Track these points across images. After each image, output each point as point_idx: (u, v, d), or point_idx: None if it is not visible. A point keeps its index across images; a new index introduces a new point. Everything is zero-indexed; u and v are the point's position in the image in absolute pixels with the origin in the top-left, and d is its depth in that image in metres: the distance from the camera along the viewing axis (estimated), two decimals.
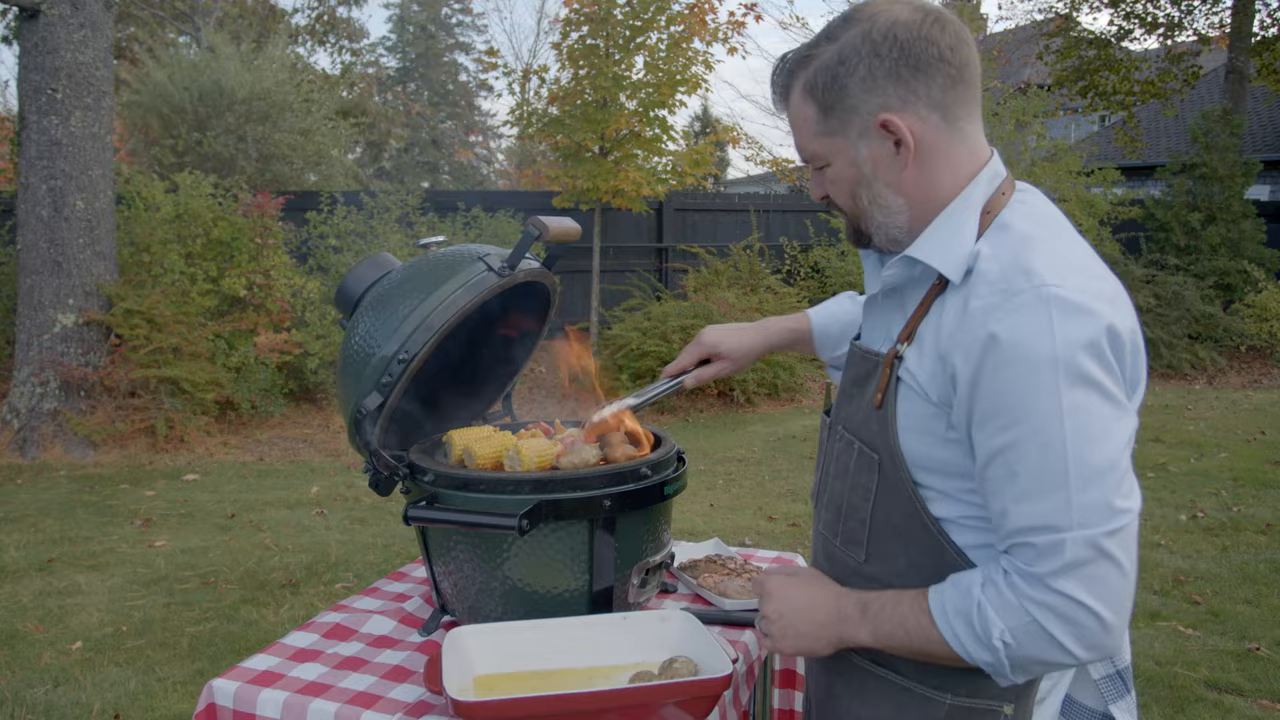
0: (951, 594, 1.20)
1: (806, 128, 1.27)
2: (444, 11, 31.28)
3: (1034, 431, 1.10)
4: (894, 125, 1.21)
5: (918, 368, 1.23)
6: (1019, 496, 1.12)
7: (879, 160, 1.24)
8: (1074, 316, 1.10)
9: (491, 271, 1.69)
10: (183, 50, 14.60)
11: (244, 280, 8.53)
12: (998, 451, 1.14)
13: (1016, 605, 1.13)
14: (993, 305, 1.14)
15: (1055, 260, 1.15)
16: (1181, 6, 16.91)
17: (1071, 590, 1.10)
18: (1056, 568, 1.10)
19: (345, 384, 1.70)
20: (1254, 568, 4.84)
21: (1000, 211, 1.24)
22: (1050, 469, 1.10)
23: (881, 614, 1.25)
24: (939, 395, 1.20)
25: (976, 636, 1.16)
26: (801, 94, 1.26)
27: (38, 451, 7.44)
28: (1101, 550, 1.09)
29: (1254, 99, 18.84)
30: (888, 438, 1.26)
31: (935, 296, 1.24)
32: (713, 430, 8.71)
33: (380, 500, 6.12)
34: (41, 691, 3.57)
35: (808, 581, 1.36)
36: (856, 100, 1.22)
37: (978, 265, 1.19)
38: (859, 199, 1.28)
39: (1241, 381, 11.20)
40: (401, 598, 1.93)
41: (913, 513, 1.26)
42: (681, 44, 10.12)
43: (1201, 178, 13.15)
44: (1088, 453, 1.09)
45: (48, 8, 7.42)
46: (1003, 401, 1.12)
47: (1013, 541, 1.14)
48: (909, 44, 1.19)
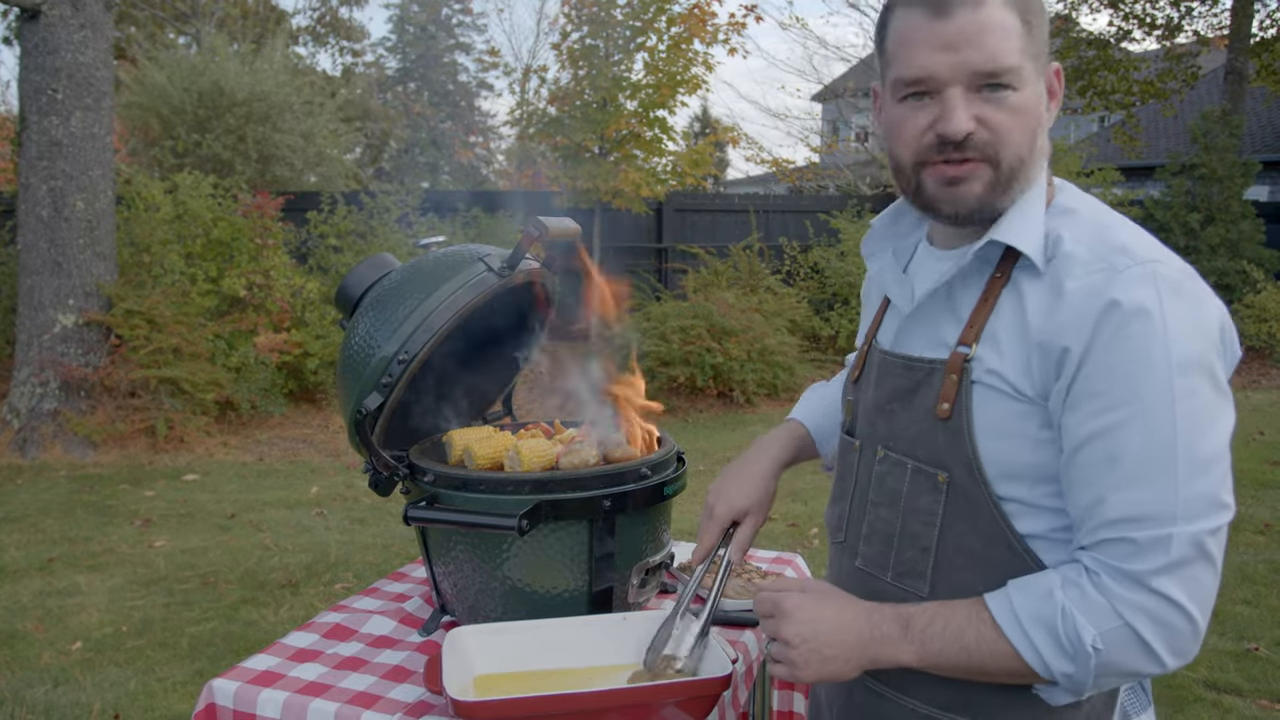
0: (1023, 600, 1.08)
1: (1010, 37, 1.11)
2: (444, 12, 31.29)
3: (1142, 412, 1.02)
4: (1060, 76, 1.17)
5: (1001, 365, 1.12)
6: (1119, 483, 1.03)
7: (1042, 107, 1.15)
8: (1183, 295, 1.04)
9: (491, 272, 1.70)
10: (183, 51, 14.60)
11: (244, 280, 8.54)
12: (1097, 434, 1.04)
13: (1108, 608, 1.02)
14: (1101, 281, 1.05)
15: (1145, 241, 1.10)
16: (1180, 8, 16.92)
17: (1170, 591, 1.01)
18: (1158, 566, 1.01)
19: (345, 384, 1.70)
20: (1253, 568, 4.85)
21: (1054, 198, 1.19)
22: (1158, 454, 1.01)
23: (930, 630, 1.11)
24: (1036, 388, 1.10)
25: (1060, 646, 1.04)
26: (1005, 2, 1.11)
27: (38, 451, 7.45)
28: (1203, 549, 1.01)
29: (1253, 100, 18.84)
30: (962, 450, 1.14)
31: (1001, 289, 1.14)
32: (712, 430, 8.71)
33: (380, 501, 6.12)
34: (41, 691, 3.57)
35: (831, 598, 1.19)
36: (1045, 35, 1.15)
37: (1062, 247, 1.11)
38: (1037, 137, 1.15)
39: (1240, 382, 11.20)
40: (401, 598, 1.93)
41: (994, 533, 1.14)
42: (681, 45, 10.13)
43: (1201, 178, 13.15)
44: (1198, 440, 1.02)
45: (48, 8, 7.43)
46: (1110, 380, 1.03)
47: (1106, 535, 1.04)
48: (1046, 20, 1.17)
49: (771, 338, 9.78)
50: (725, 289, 10.63)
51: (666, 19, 10.04)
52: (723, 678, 1.33)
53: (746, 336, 9.56)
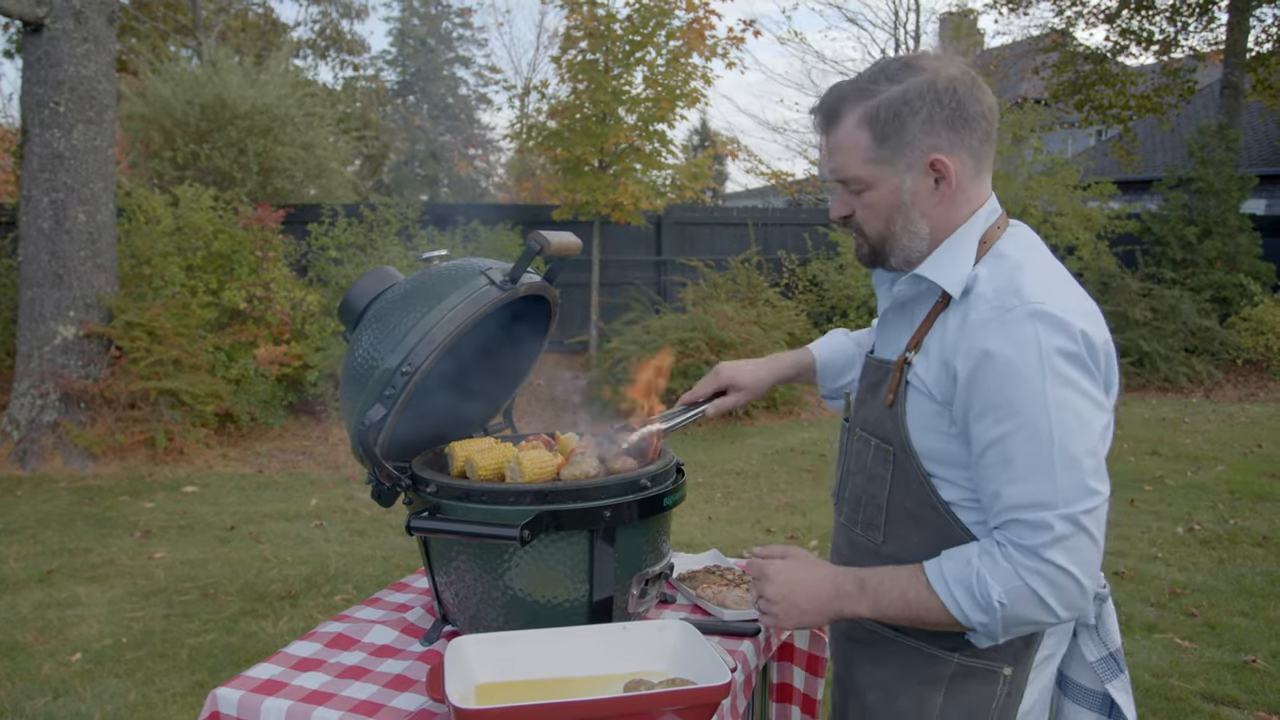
0: (949, 565, 1.37)
1: (856, 153, 1.42)
2: (444, 26, 31.42)
3: (1026, 423, 1.30)
4: (942, 165, 1.40)
5: (925, 373, 1.43)
6: (1012, 479, 1.31)
7: (920, 192, 1.43)
8: (1056, 327, 1.31)
9: (493, 285, 1.72)
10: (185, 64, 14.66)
11: (244, 293, 8.56)
12: (993, 441, 1.33)
13: (1011, 572, 1.30)
14: (988, 319, 1.34)
15: (1040, 282, 1.36)
16: (1177, 23, 17.02)
17: (1058, 559, 1.28)
18: (1046, 540, 1.28)
19: (349, 396, 1.72)
20: (1250, 580, 4.85)
21: (995, 243, 1.45)
22: (1039, 455, 1.29)
23: (881, 588, 1.41)
24: (943, 395, 1.40)
25: (975, 601, 1.33)
26: (858, 122, 1.41)
27: (38, 463, 7.45)
28: (1080, 525, 1.28)
29: (1249, 114, 18.93)
30: (900, 432, 1.45)
31: (939, 312, 1.44)
32: (711, 443, 8.72)
33: (379, 512, 6.13)
34: (41, 703, 3.58)
35: (804, 562, 1.49)
36: (913, 137, 1.39)
37: (976, 286, 1.39)
38: (892, 223, 1.45)
39: (1238, 395, 11.22)
40: (403, 608, 1.95)
41: (924, 497, 1.45)
42: (680, 59, 10.18)
43: (1197, 192, 13.20)
44: (1070, 442, 1.29)
45: (51, 22, 7.48)
46: (998, 399, 1.32)
47: (1006, 518, 1.32)
48: (964, 100, 1.40)
49: (770, 350, 9.80)
50: (724, 302, 10.66)
51: (666, 33, 10.10)
52: (721, 686, 1.34)
53: (745, 349, 9.59)
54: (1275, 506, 6.27)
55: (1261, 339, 11.89)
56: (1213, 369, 11.71)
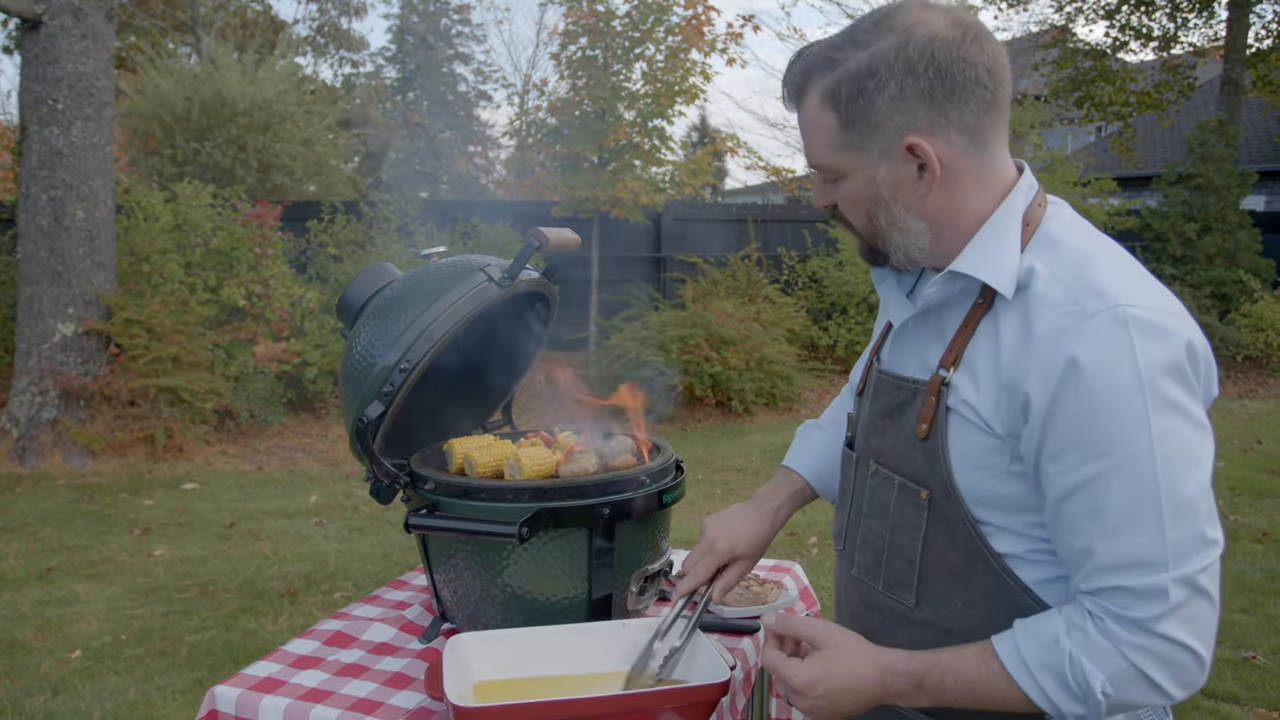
0: (1029, 646, 1.09)
1: (821, 136, 1.18)
2: (443, 23, 31.36)
3: (1123, 463, 1.03)
4: (921, 150, 1.13)
5: (976, 398, 1.14)
6: (1108, 533, 1.05)
7: (900, 182, 1.16)
8: (1153, 336, 1.04)
9: (492, 282, 1.71)
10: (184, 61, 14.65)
11: (243, 290, 8.55)
12: (1080, 485, 1.06)
13: (1114, 652, 1.05)
14: (1066, 328, 1.06)
15: (1119, 277, 1.09)
16: (1177, 19, 17.00)
17: (1174, 633, 1.03)
18: (1159, 612, 1.03)
19: (347, 393, 1.71)
20: (1250, 576, 4.85)
21: (1040, 224, 1.18)
22: (1142, 503, 1.03)
23: (943, 684, 1.13)
24: (1005, 427, 1.12)
25: (1071, 692, 1.07)
26: (820, 100, 1.16)
27: (37, 460, 7.45)
28: (1198, 587, 1.04)
29: (1249, 110, 18.92)
30: (940, 472, 1.17)
31: (982, 315, 1.16)
32: (711, 439, 8.72)
33: (379, 510, 6.13)
34: (40, 700, 3.57)
35: (841, 660, 1.18)
36: (882, 118, 1.13)
37: (1034, 284, 1.11)
38: (876, 219, 1.20)
39: (1238, 391, 11.22)
40: (402, 605, 1.94)
41: (973, 551, 1.17)
42: (679, 55, 10.17)
43: (1197, 188, 13.19)
44: (1180, 484, 1.03)
45: (49, 19, 7.46)
46: (1087, 432, 1.05)
47: (1101, 584, 1.06)
48: (947, 65, 1.10)
49: (770, 347, 9.79)
50: (723, 298, 10.65)
51: (665, 29, 10.08)
52: (720, 684, 1.34)
53: (745, 346, 9.58)
54: (1275, 503, 6.27)
55: (1261, 335, 11.88)
56: None
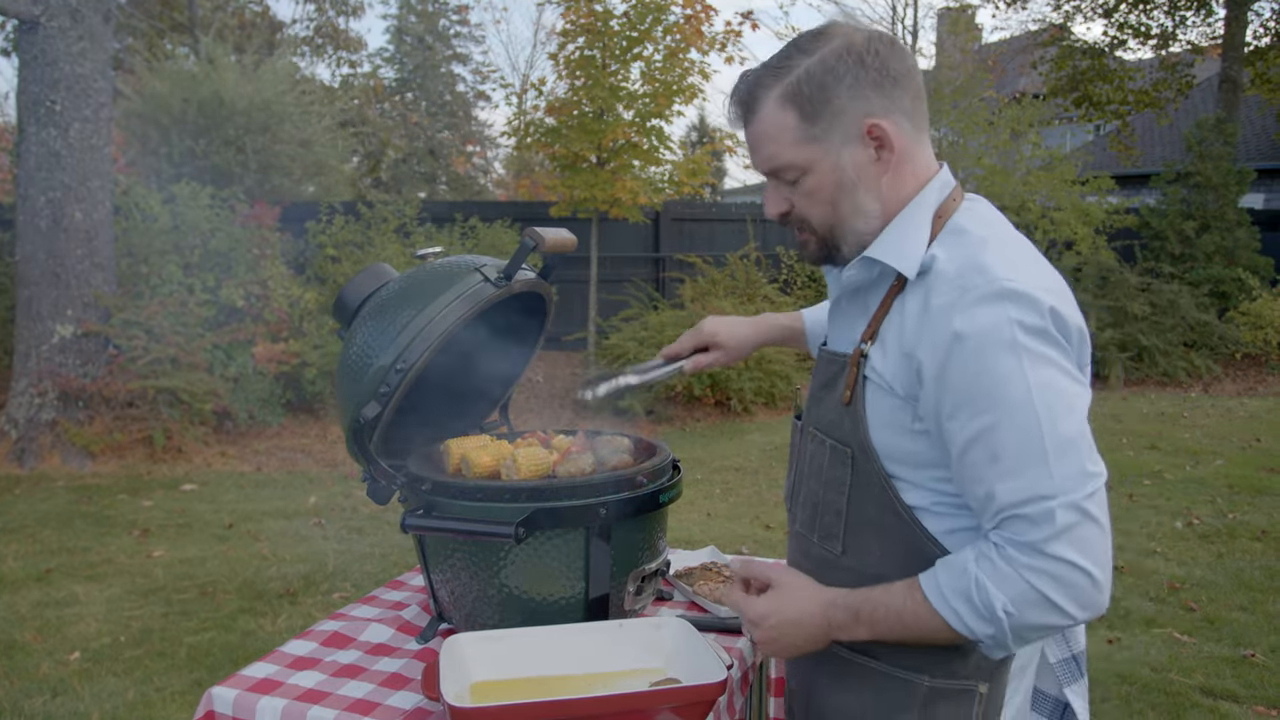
0: (945, 576, 1.24)
1: (784, 136, 1.30)
2: (441, 23, 31.35)
3: (1009, 412, 1.18)
4: (880, 129, 1.27)
5: (883, 365, 1.30)
6: (1003, 475, 1.18)
7: (862, 166, 1.30)
8: (1024, 304, 1.19)
9: (488, 282, 1.71)
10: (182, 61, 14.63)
11: (242, 291, 8.54)
12: (975, 437, 1.20)
13: (1014, 575, 1.17)
14: (952, 302, 1.22)
15: (1005, 258, 1.24)
16: (1175, 17, 17.01)
17: (1065, 554, 1.15)
18: (1049, 534, 1.16)
19: (344, 393, 1.71)
20: (1249, 574, 4.86)
21: (951, 217, 1.32)
22: (1029, 445, 1.17)
23: (875, 614, 1.29)
24: (905, 389, 1.28)
25: (978, 612, 1.20)
26: (779, 103, 1.29)
27: (36, 462, 7.44)
28: (1085, 512, 1.16)
29: (1247, 108, 18.92)
30: (859, 433, 1.33)
31: (895, 296, 1.31)
32: (710, 439, 8.72)
33: (378, 510, 6.13)
34: (39, 702, 3.57)
35: (789, 595, 1.37)
36: (841, 106, 1.27)
37: (935, 265, 1.27)
38: (839, 206, 1.32)
39: (1237, 389, 11.23)
40: (399, 606, 1.94)
41: (886, 503, 1.33)
42: (678, 54, 10.16)
43: (1196, 186, 13.20)
44: (1059, 424, 1.17)
45: (47, 20, 7.45)
46: (973, 390, 1.19)
47: (1003, 516, 1.19)
48: (886, 59, 1.27)
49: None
50: (722, 298, 10.65)
51: (663, 28, 10.07)
52: (717, 683, 1.34)
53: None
54: (1274, 501, 6.28)
55: (1260, 333, 11.89)
56: (1211, 363, 11.71)
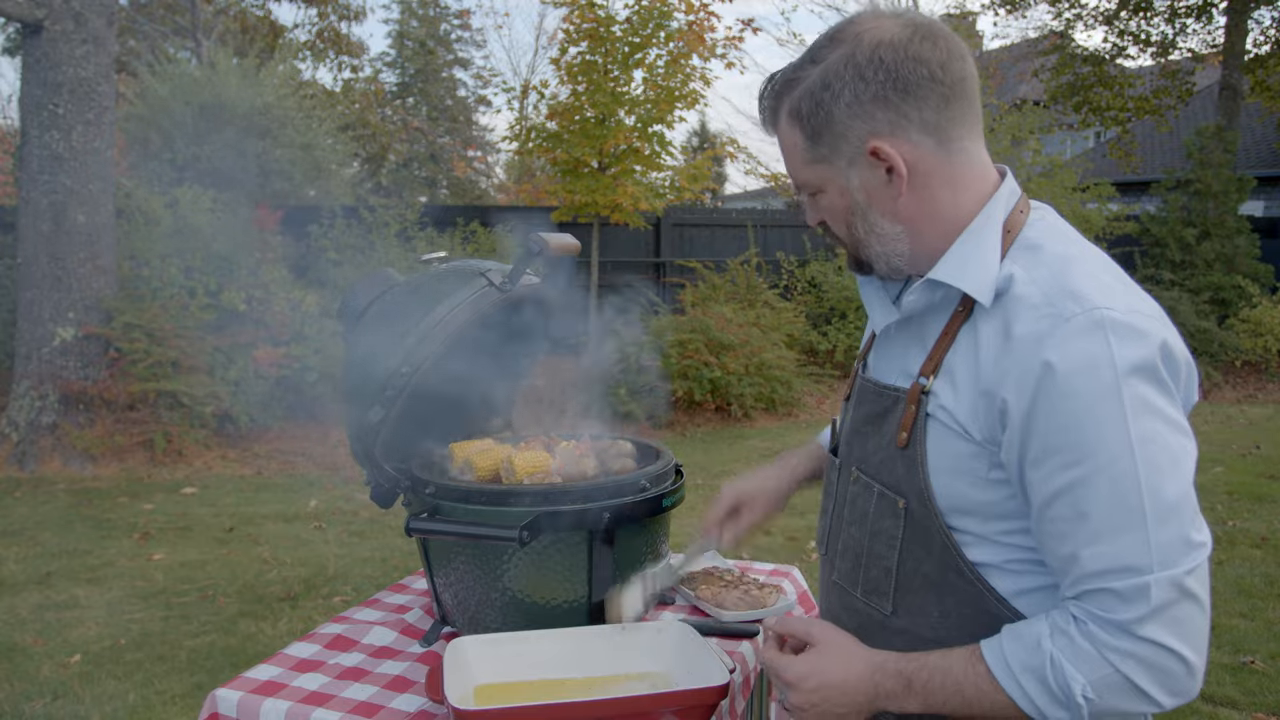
0: (1014, 648, 1.10)
1: (795, 155, 1.22)
2: (443, 28, 31.41)
3: (1104, 466, 1.03)
4: (884, 153, 1.15)
5: (954, 404, 1.15)
6: (1092, 538, 1.05)
7: (872, 188, 1.18)
8: (1130, 339, 1.04)
9: (493, 287, 1.72)
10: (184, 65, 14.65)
11: (243, 294, 8.55)
12: (1062, 490, 1.06)
13: (1096, 657, 1.05)
14: (1043, 332, 1.07)
15: (1098, 281, 1.10)
16: (1175, 24, 17.04)
17: (1159, 636, 1.03)
18: (1141, 614, 1.03)
19: (347, 398, 1.72)
20: (1249, 581, 4.86)
21: (1021, 230, 1.19)
22: (1125, 506, 1.03)
23: (930, 684, 1.14)
24: (984, 434, 1.13)
25: (1052, 695, 1.07)
26: (789, 120, 1.21)
27: (36, 465, 7.44)
28: (1184, 590, 1.03)
29: (1248, 115, 18.93)
30: (916, 480, 1.19)
31: (961, 324, 1.17)
32: (711, 444, 8.72)
33: (378, 514, 6.13)
34: (40, 705, 3.57)
35: (833, 660, 1.21)
36: (843, 127, 1.16)
37: (1013, 289, 1.12)
38: (854, 228, 1.23)
39: (1237, 396, 11.23)
40: (402, 609, 1.95)
41: (947, 560, 1.19)
42: (680, 60, 10.18)
43: (1196, 193, 13.21)
44: (1162, 486, 1.03)
45: (50, 23, 7.47)
46: (1066, 437, 1.05)
47: (1086, 587, 1.06)
48: (896, 65, 1.13)
49: (769, 352, 9.80)
50: (723, 303, 10.65)
51: (665, 34, 10.09)
52: (719, 687, 1.34)
53: (744, 351, 9.59)
54: (1274, 508, 6.28)
55: (1260, 341, 11.90)
56: (1211, 370, 11.72)
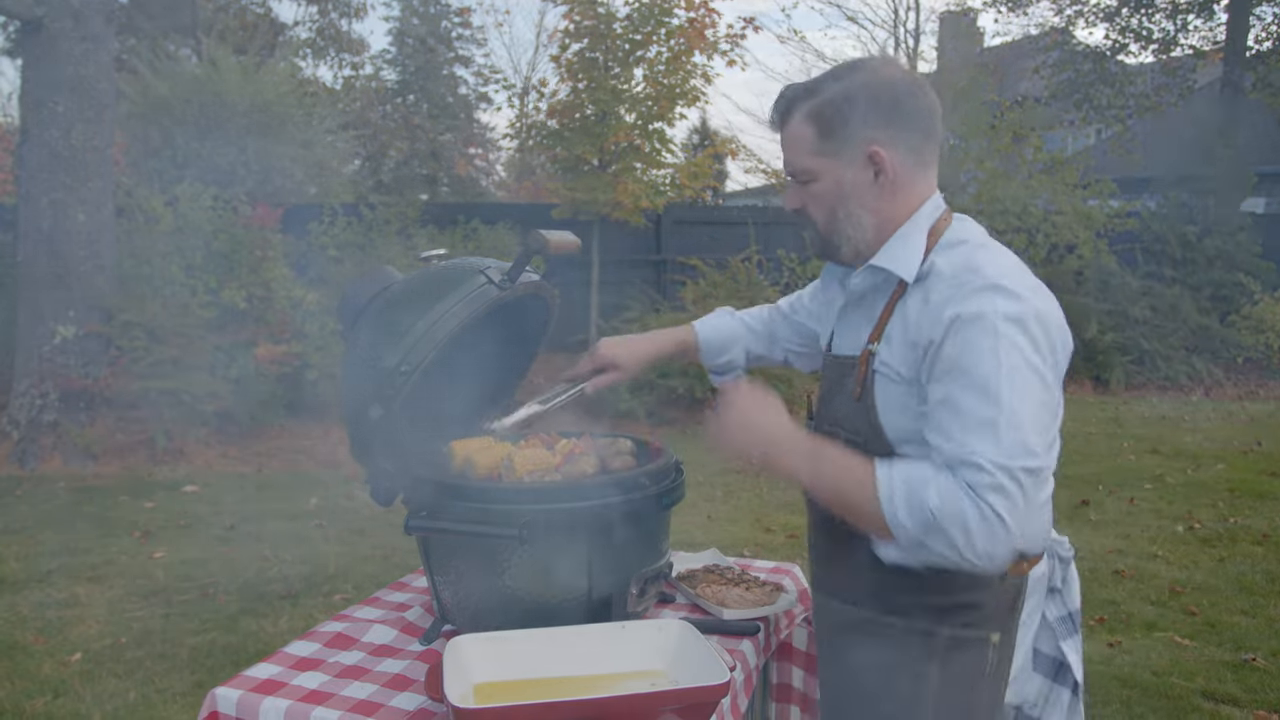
0: (903, 466, 1.42)
1: (802, 145, 1.54)
2: (443, 25, 31.37)
3: (976, 382, 1.37)
4: (880, 156, 1.50)
5: (890, 357, 1.50)
6: (958, 431, 1.37)
7: (860, 184, 1.53)
8: (1010, 299, 1.39)
9: (492, 284, 1.72)
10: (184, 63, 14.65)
11: (243, 292, 8.55)
12: (945, 398, 1.40)
13: (954, 490, 1.35)
14: (950, 296, 1.43)
15: (996, 263, 1.46)
16: (1177, 21, 17.01)
17: (995, 503, 1.33)
18: (985, 483, 1.33)
19: (347, 395, 1.72)
20: (1250, 578, 4.86)
21: (944, 233, 1.53)
22: (986, 412, 1.35)
23: (823, 456, 1.49)
24: (911, 372, 1.47)
25: (909, 500, 1.37)
26: (803, 118, 1.53)
27: (37, 463, 7.45)
28: (1017, 480, 1.33)
29: (1249, 112, 18.89)
30: (870, 420, 1.52)
31: (897, 300, 1.52)
32: None
33: (379, 512, 6.12)
34: (41, 703, 3.58)
35: (769, 400, 1.56)
36: (853, 131, 1.50)
37: (933, 270, 1.48)
38: (836, 213, 1.55)
39: (1238, 393, 11.22)
40: (402, 607, 1.95)
41: None
42: (681, 57, 10.17)
43: (1197, 190, 13.20)
44: (1016, 405, 1.35)
45: (50, 21, 7.46)
46: (956, 361, 1.39)
47: (955, 460, 1.37)
48: (901, 98, 1.50)
49: None
50: (724, 300, 10.64)
51: (666, 31, 10.08)
52: (720, 685, 1.34)
53: None
54: (1275, 505, 6.27)
55: (1261, 337, 11.89)
56: (1213, 367, 11.71)
